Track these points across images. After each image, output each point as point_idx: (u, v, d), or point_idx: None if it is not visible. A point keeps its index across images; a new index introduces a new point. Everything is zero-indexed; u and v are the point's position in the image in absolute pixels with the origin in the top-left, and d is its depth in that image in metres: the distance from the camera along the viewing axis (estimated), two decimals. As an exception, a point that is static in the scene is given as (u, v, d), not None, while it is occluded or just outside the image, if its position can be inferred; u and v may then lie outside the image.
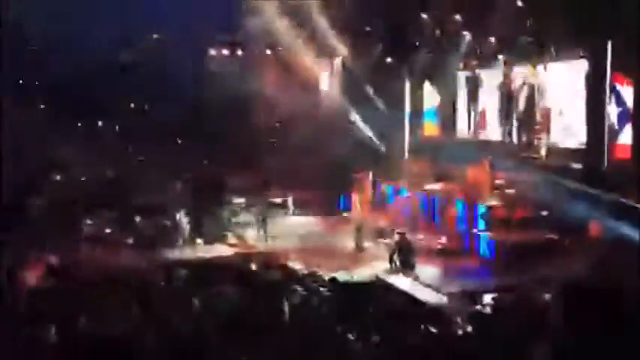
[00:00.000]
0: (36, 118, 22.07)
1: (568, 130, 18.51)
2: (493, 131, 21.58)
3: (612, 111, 16.49)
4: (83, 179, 22.47)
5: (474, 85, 22.45)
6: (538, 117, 19.32)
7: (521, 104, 19.87)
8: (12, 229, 16.50)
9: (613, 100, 16.45)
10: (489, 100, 21.69)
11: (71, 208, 19.66)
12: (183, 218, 20.07)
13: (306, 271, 14.82)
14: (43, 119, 22.20)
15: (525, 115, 19.65)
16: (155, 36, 25.69)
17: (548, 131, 19.05)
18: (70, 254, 16.69)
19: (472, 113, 22.58)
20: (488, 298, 13.06)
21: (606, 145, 16.56)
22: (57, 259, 15.37)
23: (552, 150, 18.80)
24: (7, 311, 10.99)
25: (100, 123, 25.87)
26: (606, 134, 16.58)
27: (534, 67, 19.25)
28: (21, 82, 23.46)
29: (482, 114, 22.21)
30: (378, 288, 14.22)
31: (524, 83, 19.73)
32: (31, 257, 14.70)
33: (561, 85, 18.77)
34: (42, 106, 23.48)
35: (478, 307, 12.60)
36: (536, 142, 19.23)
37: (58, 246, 16.70)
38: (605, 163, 16.53)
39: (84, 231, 19.12)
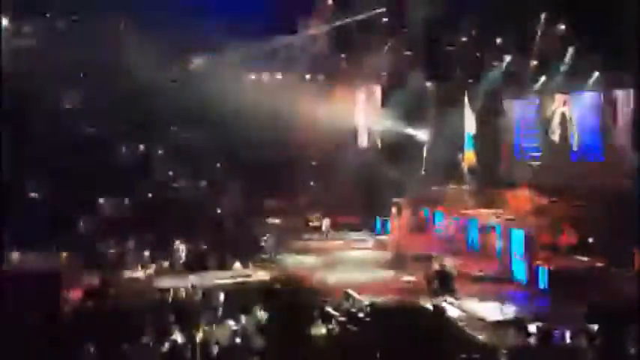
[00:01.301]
0: (81, 141, 22.41)
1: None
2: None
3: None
4: (126, 203, 22.72)
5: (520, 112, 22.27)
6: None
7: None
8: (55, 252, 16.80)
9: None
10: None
11: (112, 231, 19.92)
12: (219, 241, 20.10)
13: (342, 296, 14.57)
14: (87, 141, 22.52)
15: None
16: (195, 60, 25.98)
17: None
18: (110, 276, 16.90)
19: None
20: (532, 327, 12.59)
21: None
22: (97, 281, 15.57)
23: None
24: (50, 329, 11.11)
25: (141, 147, 26.14)
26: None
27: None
28: (68, 106, 23.90)
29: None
30: (415, 313, 13.84)
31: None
32: (73, 280, 14.90)
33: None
34: (87, 130, 23.82)
35: (521, 335, 12.16)
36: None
37: (98, 268, 16.95)
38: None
39: (123, 254, 19.24)
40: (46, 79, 20.86)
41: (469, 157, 24.13)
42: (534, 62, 21.11)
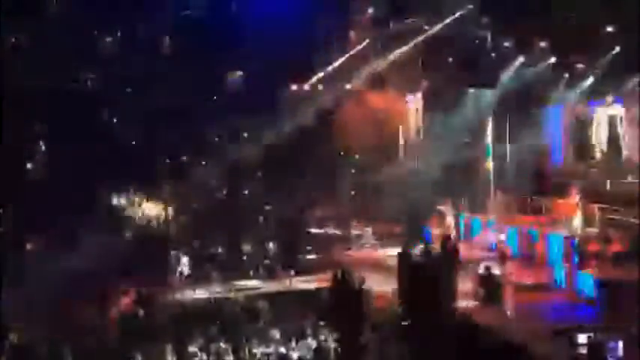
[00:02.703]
0: (131, 153, 22.87)
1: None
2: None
3: None
4: (172, 213, 23.09)
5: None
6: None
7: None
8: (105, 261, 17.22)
9: None
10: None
11: (160, 241, 20.30)
12: (263, 251, 20.27)
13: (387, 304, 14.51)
14: (134, 154, 22.96)
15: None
16: (239, 73, 26.29)
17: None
18: (158, 285, 17.24)
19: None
20: (583, 338, 12.35)
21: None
22: (146, 290, 15.88)
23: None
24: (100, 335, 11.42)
25: (184, 158, 26.55)
26: None
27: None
28: (115, 120, 24.41)
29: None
30: (462, 324, 13.73)
31: None
32: (123, 287, 15.24)
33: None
34: (133, 142, 24.31)
35: (570, 346, 11.95)
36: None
37: (147, 277, 17.29)
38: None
39: (170, 263, 19.57)
40: (97, 91, 21.49)
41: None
42: (582, 65, 20.75)
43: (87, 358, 10.29)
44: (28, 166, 21.69)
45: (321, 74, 25.37)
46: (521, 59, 22.48)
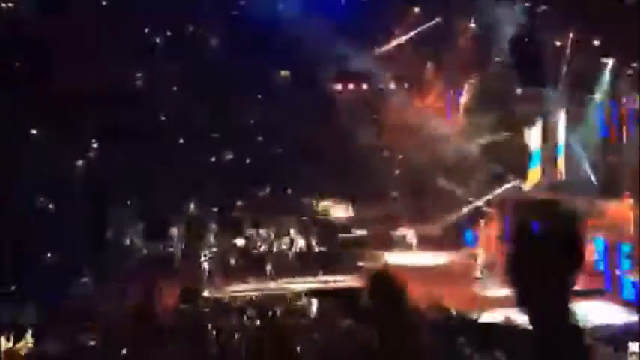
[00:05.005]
0: (170, 154, 23.06)
1: None
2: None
3: None
4: (214, 210, 23.25)
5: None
6: None
7: None
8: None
9: None
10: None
11: (200, 237, 20.50)
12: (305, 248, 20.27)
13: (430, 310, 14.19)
14: (172, 154, 23.12)
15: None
16: (283, 72, 26.26)
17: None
18: (202, 280, 17.49)
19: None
20: (634, 346, 11.83)
21: None
22: (191, 285, 16.16)
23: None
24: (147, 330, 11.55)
25: (229, 156, 26.65)
26: None
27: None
28: (163, 118, 24.62)
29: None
30: (509, 331, 13.31)
31: None
32: (168, 283, 15.52)
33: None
34: (175, 142, 24.49)
35: (622, 354, 11.45)
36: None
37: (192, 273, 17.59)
38: None
39: (211, 258, 19.69)
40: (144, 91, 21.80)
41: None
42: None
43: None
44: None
45: (366, 72, 25.13)
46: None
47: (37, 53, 19.40)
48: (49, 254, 18.54)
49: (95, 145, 22.33)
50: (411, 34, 24.23)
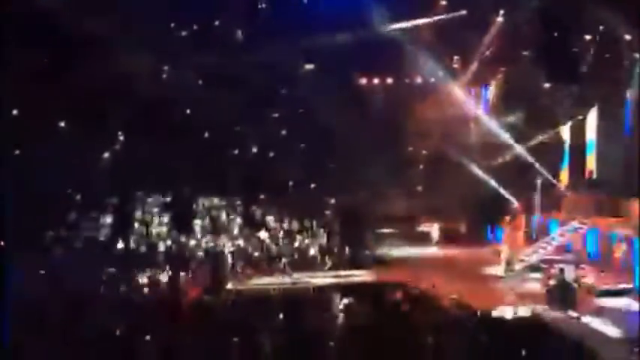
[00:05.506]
0: (195, 147, 23.19)
1: None
2: None
3: None
4: (238, 203, 23.36)
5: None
6: None
7: None
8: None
9: None
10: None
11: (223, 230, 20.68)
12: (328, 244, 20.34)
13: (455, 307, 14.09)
14: (197, 148, 23.25)
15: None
16: (307, 66, 26.20)
17: None
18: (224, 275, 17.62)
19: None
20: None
21: None
22: (213, 279, 16.34)
23: None
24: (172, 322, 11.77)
25: (254, 150, 26.72)
26: None
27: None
28: (188, 111, 24.74)
29: None
30: (534, 327, 13.14)
31: None
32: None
33: None
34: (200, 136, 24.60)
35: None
36: None
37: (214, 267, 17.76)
38: None
39: (234, 254, 19.82)
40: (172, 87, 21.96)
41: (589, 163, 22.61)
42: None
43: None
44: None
45: (395, 68, 25.02)
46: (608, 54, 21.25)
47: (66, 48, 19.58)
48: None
49: (121, 138, 22.56)
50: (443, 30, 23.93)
